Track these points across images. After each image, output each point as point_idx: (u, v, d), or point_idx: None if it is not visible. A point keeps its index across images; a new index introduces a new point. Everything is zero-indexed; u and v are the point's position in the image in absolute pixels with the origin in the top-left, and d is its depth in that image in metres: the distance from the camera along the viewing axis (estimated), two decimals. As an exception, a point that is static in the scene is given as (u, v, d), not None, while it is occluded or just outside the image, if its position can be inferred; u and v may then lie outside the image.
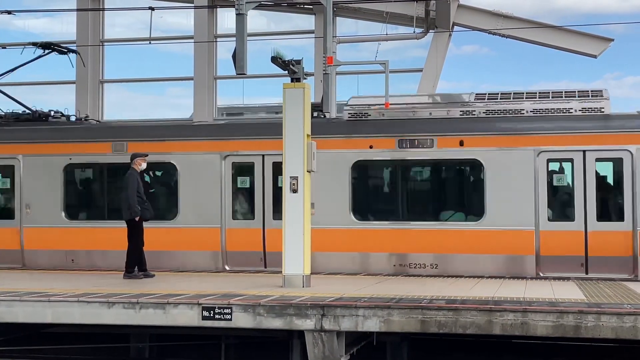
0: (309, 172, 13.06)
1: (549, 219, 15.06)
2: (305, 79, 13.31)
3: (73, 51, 18.77)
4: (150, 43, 23.50)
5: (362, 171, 16.23)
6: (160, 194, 17.42)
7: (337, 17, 23.73)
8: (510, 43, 23.11)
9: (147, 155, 15.34)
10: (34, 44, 18.18)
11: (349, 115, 16.34)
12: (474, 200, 15.80)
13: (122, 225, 15.07)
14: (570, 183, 15.14)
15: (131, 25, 27.65)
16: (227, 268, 16.40)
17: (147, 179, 16.85)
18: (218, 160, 16.46)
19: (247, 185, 16.52)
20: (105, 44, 26.49)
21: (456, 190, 16.55)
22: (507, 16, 22.56)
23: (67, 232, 17.19)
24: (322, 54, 16.53)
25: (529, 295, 11.70)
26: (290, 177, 12.91)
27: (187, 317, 11.05)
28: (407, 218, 15.90)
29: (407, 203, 16.20)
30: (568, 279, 14.52)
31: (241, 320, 10.91)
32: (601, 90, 15.91)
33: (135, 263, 14.80)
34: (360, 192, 16.14)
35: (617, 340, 10.38)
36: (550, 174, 15.15)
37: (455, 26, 23.12)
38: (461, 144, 15.46)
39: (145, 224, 15.07)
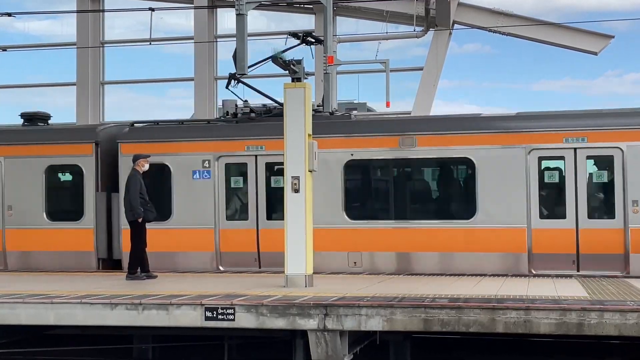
0: (311, 171, 13.06)
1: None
2: (306, 78, 13.31)
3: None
4: (150, 44, 23.55)
5: None
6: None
7: (337, 17, 23.76)
8: (511, 41, 23.14)
9: (149, 157, 15.33)
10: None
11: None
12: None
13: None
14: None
15: (131, 26, 27.71)
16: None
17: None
18: None
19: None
20: (106, 45, 26.52)
21: None
22: (507, 14, 22.58)
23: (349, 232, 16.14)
24: (323, 53, 16.51)
25: (531, 293, 11.69)
26: (292, 176, 12.91)
27: (190, 317, 11.05)
28: None
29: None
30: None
31: (244, 320, 10.91)
32: None
33: (138, 264, 14.80)
34: None
35: (620, 337, 10.37)
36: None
37: (455, 24, 23.14)
38: None
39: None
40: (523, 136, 15.16)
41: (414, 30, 22.88)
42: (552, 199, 15.29)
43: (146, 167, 15.20)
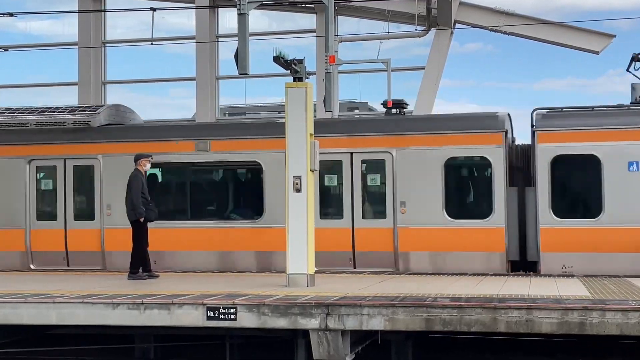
0: (312, 171, 13.06)
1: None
2: (307, 78, 13.30)
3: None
4: (152, 44, 23.54)
5: None
6: None
7: (338, 16, 23.75)
8: (514, 40, 23.12)
9: (151, 156, 15.34)
10: None
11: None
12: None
13: None
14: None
15: (133, 26, 27.73)
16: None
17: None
18: None
19: None
20: (107, 45, 26.51)
21: None
22: (508, 13, 22.56)
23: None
24: (324, 53, 16.54)
25: (533, 292, 11.69)
26: (294, 176, 12.91)
27: (192, 317, 11.06)
28: None
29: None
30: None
31: (246, 320, 10.92)
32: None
33: (140, 264, 14.81)
34: None
35: (622, 337, 10.37)
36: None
37: (456, 24, 23.11)
38: None
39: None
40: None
41: (416, 30, 22.85)
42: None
43: (148, 166, 15.20)
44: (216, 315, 10.95)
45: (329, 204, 16.45)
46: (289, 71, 13.36)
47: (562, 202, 15.31)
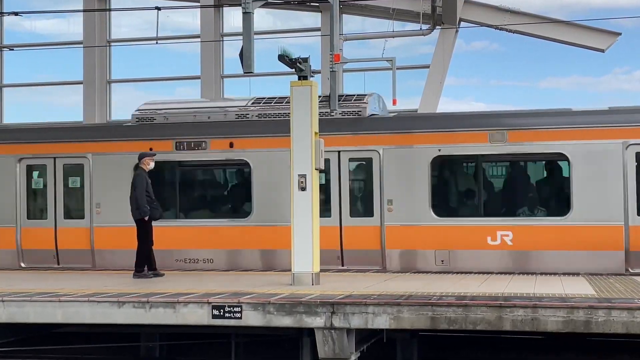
0: (317, 169, 13.06)
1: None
2: (312, 76, 13.30)
3: None
4: (157, 43, 23.53)
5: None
6: None
7: (343, 15, 23.76)
8: (520, 39, 23.09)
9: (155, 155, 15.35)
10: None
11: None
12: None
13: None
14: None
15: (138, 25, 27.72)
16: None
17: None
18: None
19: None
20: (112, 44, 26.55)
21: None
22: (513, 11, 22.53)
23: None
24: (329, 51, 16.54)
25: (538, 291, 11.67)
26: (299, 174, 12.92)
27: (197, 316, 11.06)
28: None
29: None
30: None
31: (251, 318, 10.92)
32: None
33: (145, 263, 14.82)
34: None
35: (627, 335, 10.34)
36: None
37: (461, 22, 23.10)
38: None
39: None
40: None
41: (420, 29, 22.83)
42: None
43: (152, 165, 15.20)
44: (221, 313, 10.96)
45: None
46: (293, 70, 13.35)
47: None
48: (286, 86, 13.17)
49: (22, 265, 17.38)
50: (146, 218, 14.80)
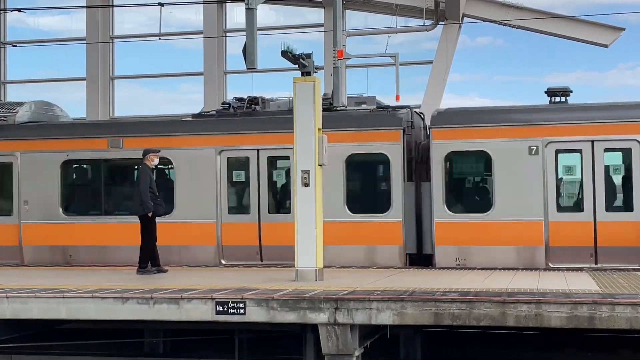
0: (321, 165, 13.06)
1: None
2: (315, 72, 13.29)
3: None
4: (160, 39, 23.53)
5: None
6: None
7: (346, 11, 23.69)
8: (524, 34, 23.02)
9: (159, 151, 15.34)
10: None
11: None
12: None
13: None
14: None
15: (141, 21, 27.70)
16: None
17: None
18: None
19: None
20: (116, 40, 26.55)
21: None
22: (517, 7, 22.48)
23: None
24: (332, 47, 16.52)
25: (542, 286, 11.67)
26: (302, 170, 12.91)
27: (201, 312, 11.08)
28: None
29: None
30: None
31: (255, 314, 10.94)
32: None
33: (149, 259, 14.82)
34: None
35: (631, 330, 10.34)
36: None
37: (465, 17, 23.06)
38: None
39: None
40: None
41: (424, 24, 22.78)
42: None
43: (156, 161, 15.20)
44: (225, 309, 10.97)
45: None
46: (297, 66, 13.35)
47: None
48: (289, 82, 13.16)
49: None
50: (150, 214, 14.80)
